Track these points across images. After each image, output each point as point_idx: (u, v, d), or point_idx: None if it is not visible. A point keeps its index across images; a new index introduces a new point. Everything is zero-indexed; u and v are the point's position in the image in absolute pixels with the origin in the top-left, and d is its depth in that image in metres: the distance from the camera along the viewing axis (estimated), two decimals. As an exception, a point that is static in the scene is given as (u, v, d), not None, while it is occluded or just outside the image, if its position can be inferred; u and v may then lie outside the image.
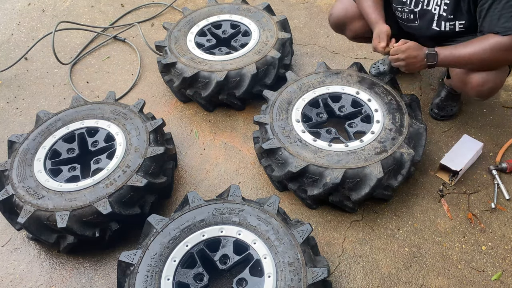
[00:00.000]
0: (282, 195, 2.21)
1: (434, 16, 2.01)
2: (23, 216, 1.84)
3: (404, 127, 2.05)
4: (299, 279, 1.59)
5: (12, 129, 2.64)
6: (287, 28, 2.71)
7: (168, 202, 2.24)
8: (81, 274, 2.00)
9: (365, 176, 1.91)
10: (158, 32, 3.21)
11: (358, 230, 2.07)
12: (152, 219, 1.77)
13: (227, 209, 1.80)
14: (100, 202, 1.85)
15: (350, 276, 1.93)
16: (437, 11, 1.98)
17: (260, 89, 2.43)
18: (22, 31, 3.33)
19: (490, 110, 2.51)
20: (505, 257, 1.95)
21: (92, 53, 3.11)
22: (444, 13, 1.97)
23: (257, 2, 3.17)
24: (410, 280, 1.91)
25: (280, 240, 1.70)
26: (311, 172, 1.94)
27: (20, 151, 2.07)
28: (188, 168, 2.38)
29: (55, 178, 1.99)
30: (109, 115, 2.20)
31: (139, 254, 1.67)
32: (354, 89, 2.23)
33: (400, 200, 2.16)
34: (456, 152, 2.22)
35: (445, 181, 2.20)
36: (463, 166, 2.15)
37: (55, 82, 2.92)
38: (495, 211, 2.09)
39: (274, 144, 2.03)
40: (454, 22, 1.97)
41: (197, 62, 2.47)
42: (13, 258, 2.07)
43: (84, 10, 3.47)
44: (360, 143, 2.00)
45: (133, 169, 1.95)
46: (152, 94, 2.79)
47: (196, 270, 1.69)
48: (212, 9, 2.82)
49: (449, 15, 1.96)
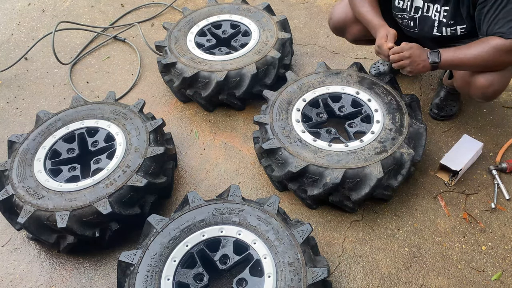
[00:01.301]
0: (282, 195, 2.21)
1: (434, 23, 2.01)
2: (23, 216, 1.84)
3: (404, 127, 2.05)
4: (299, 279, 1.59)
5: (12, 129, 2.64)
6: (287, 28, 2.71)
7: (168, 202, 2.24)
8: (81, 274, 2.00)
9: (365, 176, 1.91)
10: (158, 32, 3.21)
11: (358, 230, 2.07)
12: (152, 219, 1.77)
13: (227, 209, 1.80)
14: (100, 202, 1.85)
15: (350, 276, 1.93)
16: (437, 17, 1.98)
17: (260, 89, 2.43)
18: (22, 31, 3.33)
19: (490, 110, 2.51)
20: (505, 257, 1.95)
21: (92, 53, 3.11)
22: (444, 19, 1.96)
23: (257, 2, 3.17)
24: (410, 280, 1.91)
25: (280, 240, 1.70)
26: (311, 172, 1.94)
27: (20, 151, 2.07)
28: (188, 168, 2.38)
29: (55, 178, 1.99)
30: (109, 115, 2.20)
31: (139, 254, 1.67)
32: (354, 89, 2.23)
33: (400, 200, 2.16)
34: (456, 152, 2.22)
35: (445, 181, 2.20)
36: (463, 166, 2.15)
37: (55, 82, 2.92)
38: (495, 211, 2.09)
39: (274, 144, 2.03)
40: (455, 27, 1.97)
41: (197, 62, 2.47)
42: (13, 258, 2.07)
43: (84, 10, 3.47)
44: (360, 143, 2.00)
45: (133, 169, 1.95)
46: (152, 94, 2.79)
47: (196, 270, 1.69)
48: (212, 9, 2.82)
49: (449, 21, 1.96)
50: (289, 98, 2.22)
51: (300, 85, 2.27)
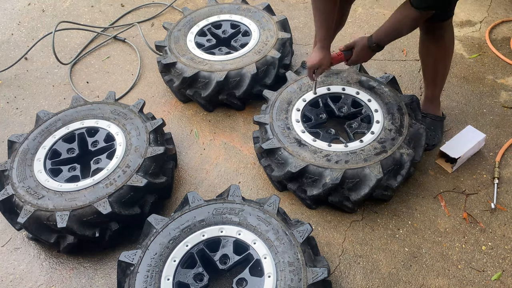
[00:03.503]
0: (282, 195, 2.21)
1: None
2: (23, 216, 1.84)
3: (404, 127, 2.05)
4: (299, 279, 1.59)
5: (12, 129, 2.64)
6: (287, 28, 2.71)
7: (168, 202, 2.24)
8: (81, 274, 2.00)
9: (365, 176, 1.91)
10: (158, 32, 3.21)
11: (358, 230, 2.07)
12: (152, 219, 1.77)
13: (227, 209, 1.80)
14: (100, 202, 1.85)
15: (350, 276, 1.93)
16: None
17: (260, 89, 2.43)
18: (22, 31, 3.33)
19: (490, 110, 2.51)
20: (505, 257, 1.95)
21: (92, 53, 3.11)
22: None
23: (257, 2, 3.17)
24: (410, 280, 1.91)
25: (280, 240, 1.70)
26: (311, 172, 1.94)
27: (20, 151, 2.07)
28: (188, 168, 2.38)
29: (55, 178, 1.99)
30: (109, 115, 2.20)
31: (139, 254, 1.67)
32: (354, 89, 2.23)
33: (400, 200, 2.16)
34: (457, 140, 2.23)
35: (445, 168, 2.22)
36: (462, 154, 2.15)
37: (55, 82, 2.92)
38: (495, 211, 2.09)
39: (274, 144, 2.03)
40: None
41: (197, 62, 2.47)
42: (13, 258, 2.07)
43: (84, 10, 3.47)
44: (360, 144, 2.00)
45: (133, 169, 1.95)
46: (152, 94, 2.79)
47: (196, 270, 1.69)
48: (212, 9, 2.82)
49: None
50: (289, 98, 2.22)
51: (300, 85, 2.27)
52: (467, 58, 2.85)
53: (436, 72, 2.24)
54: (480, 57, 2.85)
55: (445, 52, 2.16)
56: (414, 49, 2.90)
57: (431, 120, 2.37)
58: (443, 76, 2.27)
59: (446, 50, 2.15)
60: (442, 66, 2.21)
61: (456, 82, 2.70)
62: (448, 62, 2.21)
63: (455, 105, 2.56)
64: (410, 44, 2.96)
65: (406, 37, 3.01)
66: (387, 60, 2.87)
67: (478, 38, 2.98)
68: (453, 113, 2.52)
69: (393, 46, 2.95)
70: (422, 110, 2.37)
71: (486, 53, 2.87)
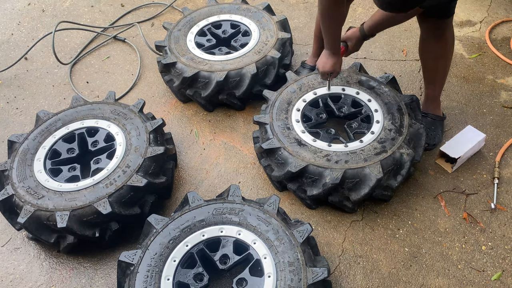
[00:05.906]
0: (282, 195, 2.21)
1: None
2: (23, 216, 1.84)
3: (404, 127, 2.05)
4: (299, 279, 1.59)
5: (12, 129, 2.64)
6: (287, 28, 2.71)
7: (168, 202, 2.24)
8: (81, 274, 2.00)
9: (365, 176, 1.91)
10: (158, 32, 3.21)
11: (358, 230, 2.07)
12: (152, 219, 1.77)
13: (227, 209, 1.80)
14: (100, 202, 1.85)
15: (350, 276, 1.93)
16: None
17: (260, 89, 2.43)
18: (22, 31, 3.33)
19: (490, 110, 2.51)
20: (505, 257, 1.95)
21: (92, 53, 3.11)
22: None
23: (257, 2, 3.17)
24: (410, 280, 1.91)
25: (280, 240, 1.70)
26: (311, 172, 1.94)
27: (20, 151, 2.07)
28: (188, 168, 2.38)
29: (55, 178, 1.99)
30: (109, 115, 2.20)
31: (139, 254, 1.67)
32: (354, 89, 2.23)
33: (400, 200, 2.16)
34: (457, 140, 2.24)
35: (445, 168, 2.22)
36: (462, 154, 2.15)
37: (55, 82, 2.92)
38: (495, 211, 2.09)
39: (273, 144, 2.03)
40: None
41: (197, 62, 2.47)
42: (13, 258, 2.07)
43: (84, 10, 3.47)
44: (359, 144, 2.00)
45: (133, 169, 1.95)
46: (152, 94, 2.79)
47: (196, 270, 1.69)
48: (212, 9, 2.82)
49: None
50: (289, 98, 2.22)
51: (300, 85, 2.27)
52: (467, 58, 2.85)
53: (436, 72, 2.24)
54: (480, 57, 2.85)
55: (445, 52, 2.16)
56: (414, 49, 2.90)
57: (431, 120, 2.37)
58: (443, 75, 2.27)
59: (446, 49, 2.15)
60: (442, 66, 2.21)
61: (456, 82, 2.70)
62: (448, 62, 2.21)
63: (455, 105, 2.56)
64: (410, 44, 2.96)
65: (406, 37, 3.02)
66: (387, 60, 2.87)
67: (478, 38, 2.98)
68: (453, 113, 2.52)
69: (393, 46, 2.96)
70: (422, 110, 2.37)
71: (486, 53, 2.87)
